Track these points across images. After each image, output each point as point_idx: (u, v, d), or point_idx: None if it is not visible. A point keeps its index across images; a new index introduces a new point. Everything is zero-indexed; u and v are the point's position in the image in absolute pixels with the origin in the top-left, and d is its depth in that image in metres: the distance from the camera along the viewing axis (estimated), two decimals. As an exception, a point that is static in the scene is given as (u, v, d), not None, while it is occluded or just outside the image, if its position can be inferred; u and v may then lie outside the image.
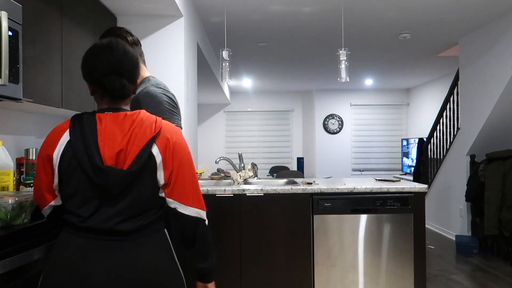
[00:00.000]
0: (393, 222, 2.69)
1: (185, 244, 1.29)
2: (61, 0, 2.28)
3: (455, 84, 5.41)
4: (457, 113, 5.32)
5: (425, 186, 2.74)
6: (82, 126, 1.21)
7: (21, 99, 1.77)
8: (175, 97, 1.85)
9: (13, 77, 1.68)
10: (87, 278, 1.15)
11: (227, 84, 7.76)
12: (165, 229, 1.30)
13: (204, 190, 2.61)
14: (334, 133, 8.70)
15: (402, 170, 8.07)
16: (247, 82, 7.67)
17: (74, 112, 2.53)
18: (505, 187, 4.22)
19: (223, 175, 3.45)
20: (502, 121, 4.47)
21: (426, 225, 5.96)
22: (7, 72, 1.60)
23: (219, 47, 5.06)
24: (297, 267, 2.68)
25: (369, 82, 7.85)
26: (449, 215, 5.44)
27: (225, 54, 3.31)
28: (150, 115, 1.29)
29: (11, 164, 1.88)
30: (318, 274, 2.67)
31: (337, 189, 2.69)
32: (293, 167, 8.64)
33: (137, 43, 1.84)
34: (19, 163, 2.17)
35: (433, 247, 4.93)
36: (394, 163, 8.69)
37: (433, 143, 6.06)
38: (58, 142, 1.22)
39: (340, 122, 8.71)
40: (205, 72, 5.24)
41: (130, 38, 1.81)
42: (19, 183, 2.06)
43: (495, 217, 4.23)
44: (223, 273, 2.65)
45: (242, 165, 3.23)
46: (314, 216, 2.68)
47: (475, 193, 4.62)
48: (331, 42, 4.90)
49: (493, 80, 4.32)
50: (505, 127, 4.55)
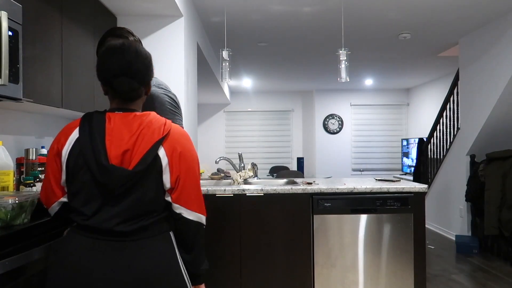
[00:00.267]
0: (393, 222, 2.69)
1: (185, 248, 1.30)
2: (61, 0, 2.28)
3: (455, 84, 5.41)
4: (457, 113, 5.32)
5: (425, 186, 2.74)
6: (91, 124, 1.22)
7: (21, 99, 1.77)
8: (176, 97, 1.86)
9: (13, 77, 1.68)
10: (86, 277, 1.15)
11: (227, 84, 7.76)
12: (170, 232, 1.29)
13: (204, 190, 2.60)
14: (334, 133, 8.70)
15: (402, 170, 8.07)
16: (247, 82, 7.67)
17: (74, 112, 2.53)
18: (505, 187, 4.22)
19: (223, 175, 3.45)
20: (502, 121, 4.47)
21: (426, 225, 5.96)
22: (7, 72, 1.60)
23: (219, 47, 5.05)
24: (297, 267, 2.68)
25: (369, 82, 7.85)
26: (449, 215, 5.44)
27: (225, 54, 3.31)
28: (159, 117, 1.29)
29: (11, 164, 1.88)
30: (318, 274, 2.67)
31: (337, 189, 2.69)
32: (293, 167, 8.64)
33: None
34: (19, 163, 2.17)
35: (433, 247, 4.93)
36: (394, 163, 8.69)
37: (433, 143, 6.06)
38: (67, 139, 1.24)
39: (340, 122, 8.71)
40: (205, 72, 5.24)
41: (131, 38, 1.81)
42: (19, 183, 2.06)
43: (495, 217, 4.23)
44: (223, 273, 2.66)
45: (242, 165, 3.23)
46: (314, 216, 2.68)
47: (475, 193, 4.62)
48: (331, 42, 4.90)
49: (493, 80, 4.32)
50: (505, 127, 4.55)
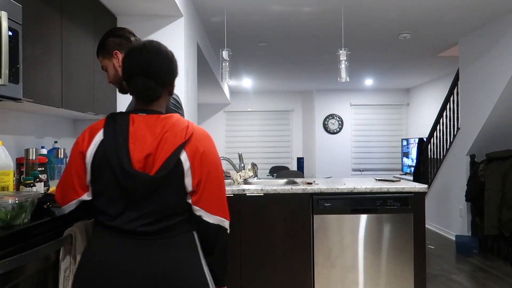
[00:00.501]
0: (393, 222, 2.69)
1: (206, 250, 1.31)
2: (61, 0, 2.28)
3: (455, 84, 5.40)
4: (457, 113, 5.32)
5: (425, 186, 2.74)
6: (115, 126, 1.23)
7: (21, 99, 1.77)
8: (178, 97, 1.85)
9: (13, 77, 1.68)
10: (111, 273, 1.18)
11: (227, 84, 7.76)
12: (193, 231, 1.29)
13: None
14: (334, 133, 8.70)
15: (402, 170, 8.07)
16: (247, 82, 7.67)
17: (74, 112, 2.53)
18: (505, 187, 4.22)
19: (223, 175, 3.44)
20: (502, 121, 4.47)
21: (426, 225, 5.96)
22: (7, 72, 1.60)
23: (219, 47, 5.05)
24: (297, 267, 2.68)
25: (369, 82, 7.85)
26: (449, 215, 5.44)
27: (225, 54, 3.31)
28: (182, 119, 1.28)
29: (11, 164, 1.88)
30: (318, 274, 2.67)
31: (337, 189, 2.69)
32: (293, 167, 8.64)
33: None
34: (19, 163, 2.17)
35: (433, 247, 4.93)
36: (394, 163, 8.69)
37: (433, 143, 6.06)
38: (92, 140, 1.24)
39: (340, 122, 8.71)
40: (205, 72, 5.24)
41: (133, 38, 1.80)
42: (19, 183, 2.06)
43: (495, 217, 4.23)
44: (223, 273, 2.65)
45: (242, 165, 3.23)
46: (314, 216, 2.68)
47: (475, 193, 4.62)
48: (331, 42, 4.90)
49: (493, 80, 4.32)
50: (505, 127, 4.55)
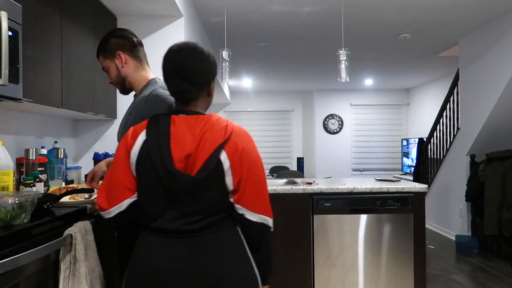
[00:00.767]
0: (393, 222, 2.69)
1: (251, 248, 1.31)
2: (61, 0, 2.28)
3: (455, 84, 5.40)
4: (457, 113, 5.32)
5: (425, 186, 2.74)
6: (157, 127, 1.25)
7: (21, 99, 1.77)
8: None
9: (13, 77, 1.68)
10: (160, 276, 1.20)
11: (227, 84, 7.76)
12: (237, 226, 1.30)
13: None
14: (334, 133, 8.70)
15: (402, 170, 8.07)
16: (247, 82, 7.67)
17: (74, 112, 2.53)
18: (505, 187, 4.22)
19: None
20: (502, 121, 4.47)
21: (426, 225, 5.97)
22: (7, 72, 1.60)
23: (219, 47, 5.05)
24: (297, 267, 2.68)
25: (369, 82, 7.85)
26: (449, 215, 5.44)
27: (225, 54, 3.31)
28: (222, 118, 1.30)
29: (11, 164, 1.88)
30: (318, 274, 2.67)
31: (337, 189, 2.69)
32: (293, 167, 8.64)
33: (141, 45, 1.83)
34: (19, 163, 2.17)
35: (433, 247, 4.93)
36: (394, 163, 8.69)
37: (433, 143, 6.06)
38: (136, 140, 1.27)
39: (340, 122, 8.71)
40: (205, 72, 5.23)
41: (135, 39, 1.78)
42: (19, 183, 2.06)
43: (495, 217, 4.23)
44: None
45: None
46: (314, 216, 2.68)
47: (475, 193, 4.62)
48: (331, 42, 4.90)
49: (493, 80, 4.32)
50: (505, 127, 4.55)
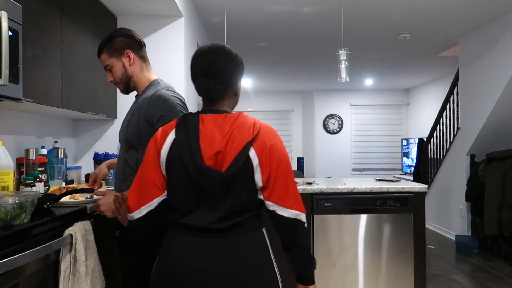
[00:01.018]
0: (393, 222, 2.69)
1: (285, 246, 1.31)
2: (61, 0, 2.28)
3: (455, 84, 5.40)
4: (457, 113, 5.32)
5: (425, 186, 2.73)
6: (186, 126, 1.27)
7: (21, 99, 1.77)
8: (184, 100, 1.86)
9: (13, 77, 1.68)
10: (184, 271, 1.22)
11: (227, 84, 7.75)
12: (262, 228, 1.31)
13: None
14: (334, 133, 8.70)
15: (402, 170, 8.07)
16: (247, 82, 7.67)
17: (74, 112, 2.53)
18: (505, 187, 4.22)
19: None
20: (502, 121, 4.47)
21: (426, 225, 5.96)
22: (7, 72, 1.60)
23: (219, 47, 5.05)
24: (297, 267, 2.67)
25: (369, 82, 7.85)
26: (449, 215, 5.44)
27: (225, 54, 3.31)
28: (249, 117, 1.33)
29: (11, 164, 1.88)
30: (318, 274, 2.67)
31: (337, 189, 2.69)
32: (293, 167, 8.63)
33: (145, 45, 1.86)
34: (19, 163, 2.17)
35: (433, 247, 4.93)
36: (394, 163, 8.69)
37: (433, 143, 6.06)
38: (165, 139, 1.29)
39: (340, 122, 8.71)
40: (205, 72, 5.23)
41: (141, 39, 1.82)
42: (19, 183, 2.06)
43: (495, 217, 4.23)
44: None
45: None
46: (314, 216, 2.68)
47: (475, 193, 4.62)
48: (331, 42, 4.90)
49: (493, 80, 4.32)
50: (505, 127, 4.55)
